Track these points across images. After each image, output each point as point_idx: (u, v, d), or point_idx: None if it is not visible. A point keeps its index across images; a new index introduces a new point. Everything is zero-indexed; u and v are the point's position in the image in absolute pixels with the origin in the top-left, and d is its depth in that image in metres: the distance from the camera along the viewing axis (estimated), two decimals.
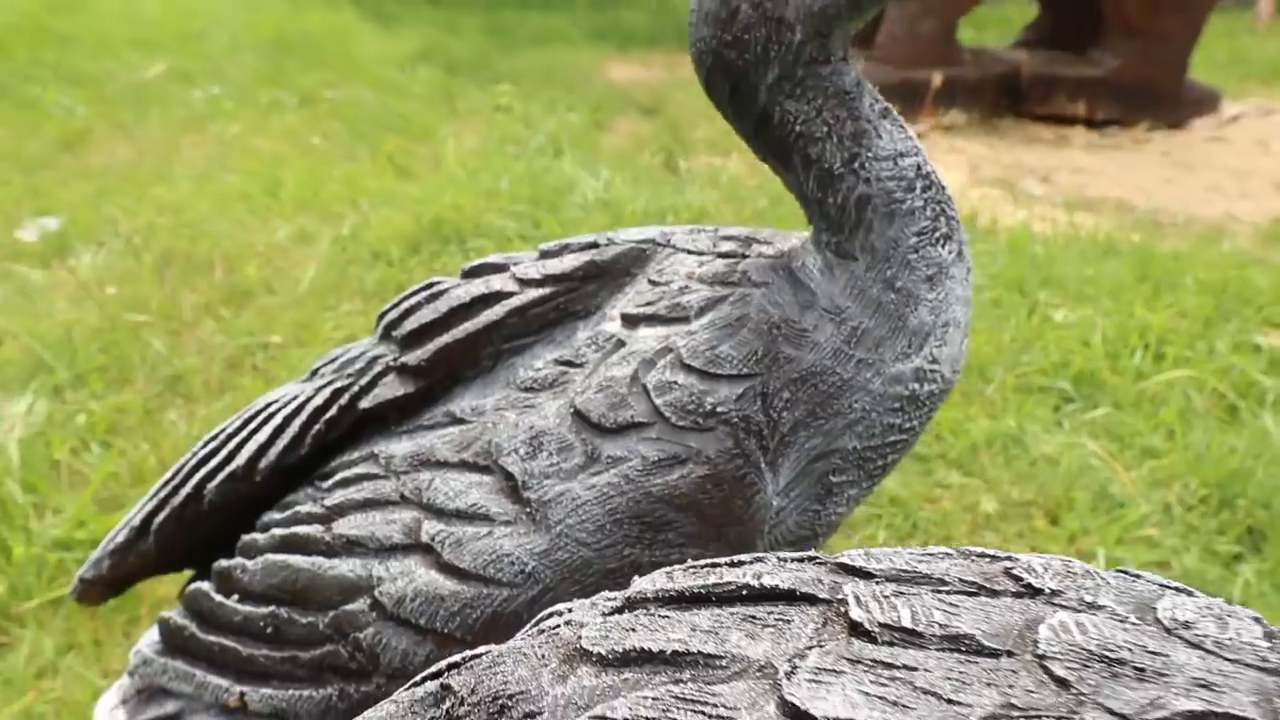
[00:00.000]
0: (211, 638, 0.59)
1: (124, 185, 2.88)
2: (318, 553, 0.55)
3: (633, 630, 0.28)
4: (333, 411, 0.61)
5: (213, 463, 0.65)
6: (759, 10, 0.49)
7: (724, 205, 2.84)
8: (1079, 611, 0.26)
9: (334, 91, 4.12)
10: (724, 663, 0.26)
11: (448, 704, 0.29)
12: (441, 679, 0.31)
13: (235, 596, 0.59)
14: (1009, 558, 0.30)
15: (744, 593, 0.29)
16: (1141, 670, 0.24)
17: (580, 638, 0.29)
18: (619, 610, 0.30)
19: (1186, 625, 0.26)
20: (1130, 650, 0.24)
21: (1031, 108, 4.89)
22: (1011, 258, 2.48)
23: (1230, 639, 0.25)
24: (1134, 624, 0.26)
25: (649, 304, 0.54)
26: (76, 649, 1.23)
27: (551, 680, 0.27)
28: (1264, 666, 0.24)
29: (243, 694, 0.57)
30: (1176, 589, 0.28)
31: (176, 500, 0.65)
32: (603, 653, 0.27)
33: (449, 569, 0.50)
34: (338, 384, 0.63)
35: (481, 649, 0.31)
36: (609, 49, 6.25)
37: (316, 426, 0.61)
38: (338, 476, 0.58)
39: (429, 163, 3.25)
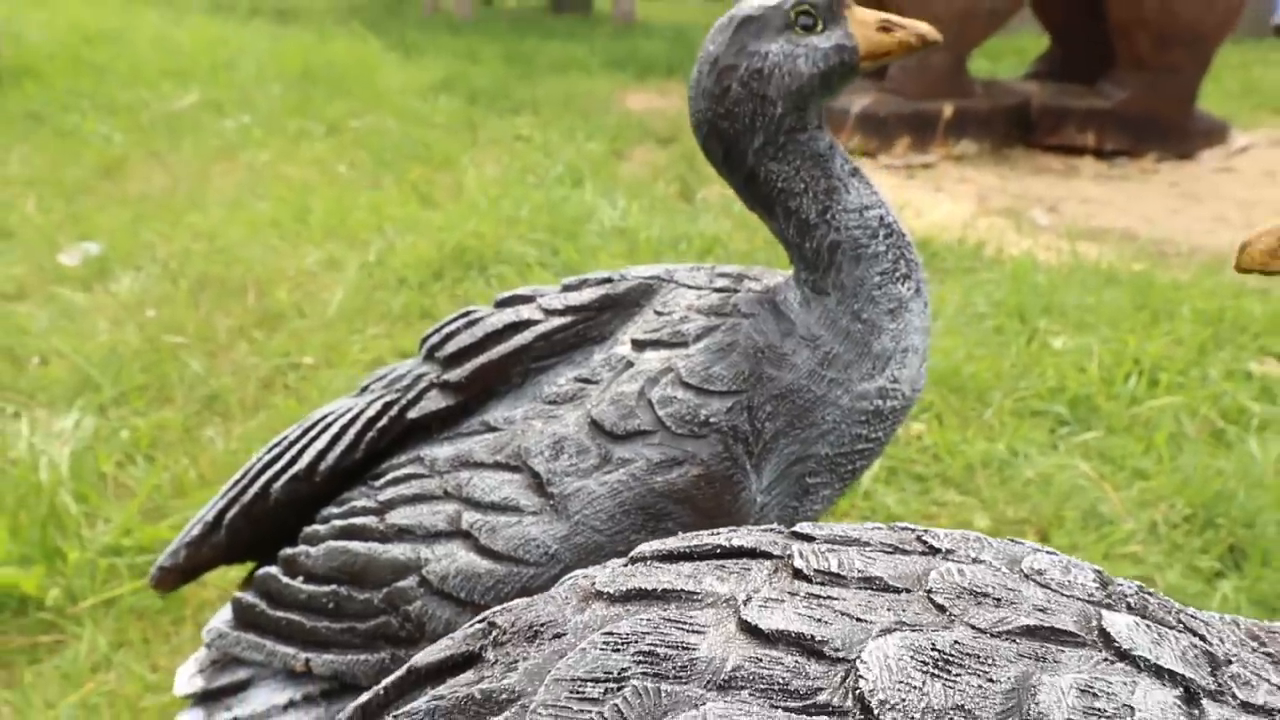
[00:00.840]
0: (279, 613, 0.69)
1: (160, 211, 3.00)
2: (373, 539, 0.65)
3: (633, 576, 0.37)
4: (384, 421, 0.71)
5: (277, 466, 0.75)
6: (747, 89, 0.60)
7: (736, 233, 2.93)
8: (963, 564, 0.35)
9: (359, 121, 4.25)
10: (699, 597, 0.35)
11: (494, 634, 0.38)
12: (487, 620, 0.40)
13: (300, 578, 0.69)
14: (923, 530, 0.39)
15: (717, 550, 0.38)
16: (999, 600, 0.33)
17: (594, 584, 0.38)
18: (624, 565, 0.39)
19: (1039, 572, 0.35)
20: (993, 587, 0.33)
21: (1041, 138, 4.99)
22: (1014, 286, 2.55)
23: (1069, 581, 0.34)
24: (1002, 572, 0.35)
25: (654, 331, 0.65)
26: (127, 646, 1.33)
27: (573, 612, 0.37)
28: (1089, 599, 0.33)
29: (308, 660, 0.67)
30: (1044, 551, 0.37)
31: (246, 498, 0.75)
32: (610, 592, 0.37)
33: (486, 551, 0.60)
34: (387, 398, 0.73)
35: (517, 600, 0.40)
36: (626, 78, 6.38)
37: (370, 434, 0.71)
38: (389, 476, 0.68)
39: (451, 191, 3.36)
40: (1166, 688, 0.30)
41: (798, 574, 0.35)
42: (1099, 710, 0.29)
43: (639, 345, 0.64)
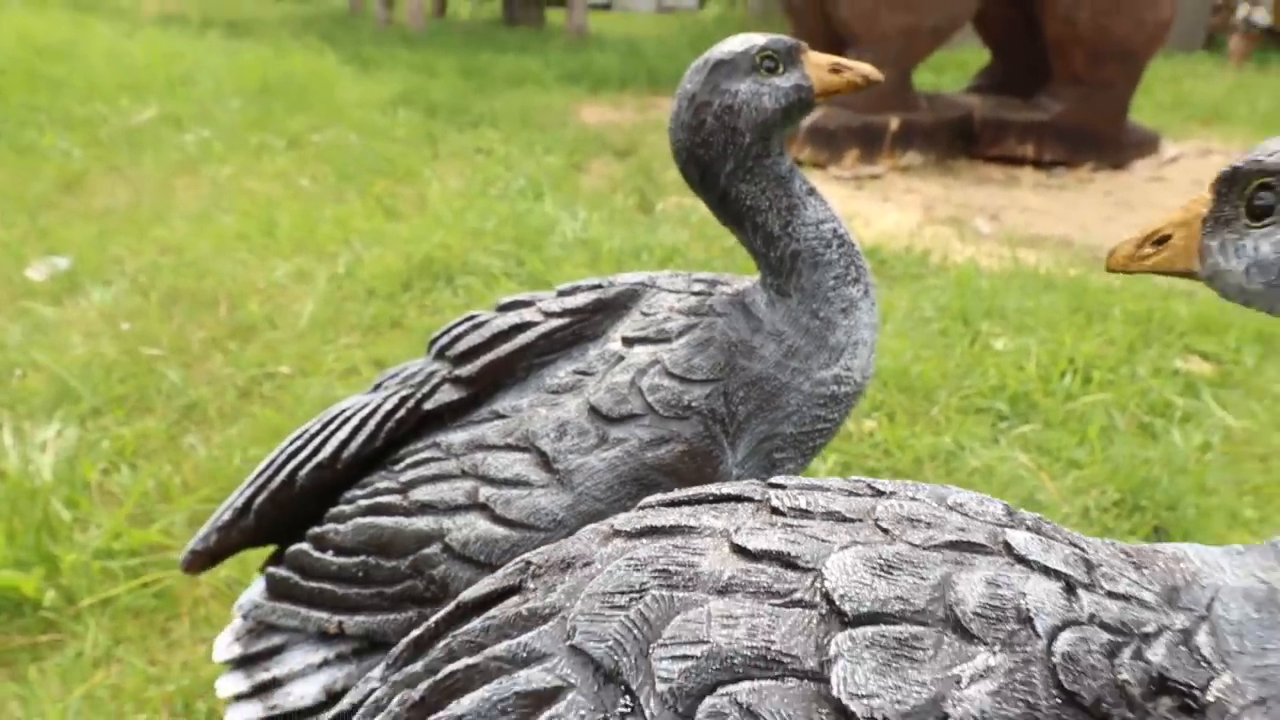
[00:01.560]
0: (312, 584, 0.77)
1: (125, 226, 3.03)
2: (398, 514, 0.74)
3: (645, 518, 0.47)
4: (401, 413, 0.80)
5: (301, 455, 0.83)
6: (720, 121, 0.70)
7: (694, 243, 3.04)
8: (902, 500, 0.45)
9: (320, 135, 4.30)
10: (699, 529, 0.45)
11: (531, 569, 0.48)
12: (523, 560, 0.49)
13: (330, 552, 0.77)
14: (872, 480, 0.49)
15: (710, 497, 0.48)
16: (929, 524, 0.43)
17: (613, 526, 0.47)
18: (636, 512, 0.49)
19: (960, 505, 0.45)
20: (925, 516, 0.43)
21: (983, 149, 5.19)
22: (958, 291, 2.69)
23: (982, 510, 0.44)
24: (931, 505, 0.45)
25: (642, 329, 0.74)
26: (126, 642, 1.39)
27: (598, 546, 0.46)
28: (997, 523, 0.43)
29: (340, 622, 0.75)
30: (964, 491, 0.47)
31: (273, 485, 0.83)
32: (628, 529, 0.46)
33: (501, 520, 0.69)
34: (403, 393, 0.81)
35: (546, 545, 0.50)
36: (581, 92, 6.48)
37: (389, 425, 0.80)
38: (408, 460, 0.77)
39: (415, 203, 3.43)
40: (1051, 581, 0.40)
41: (775, 511, 0.45)
42: (1001, 595, 0.39)
43: (629, 342, 0.74)
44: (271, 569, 0.82)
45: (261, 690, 0.77)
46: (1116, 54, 4.91)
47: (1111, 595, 0.40)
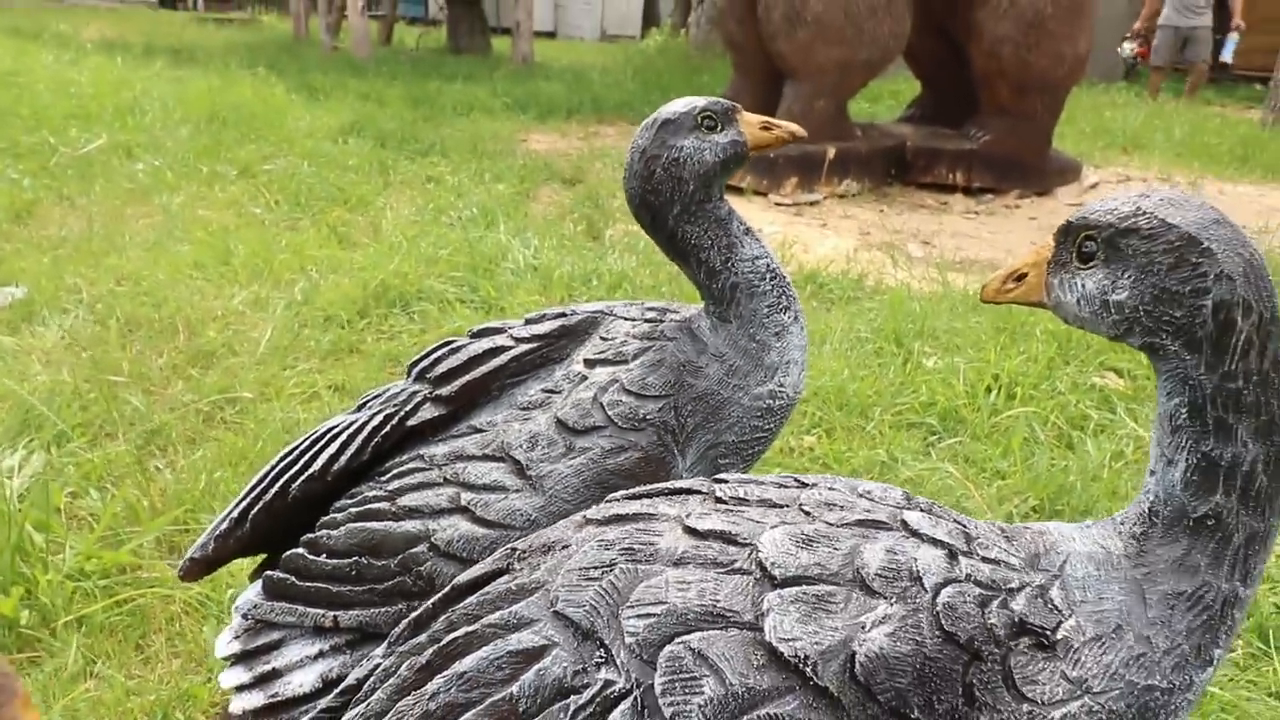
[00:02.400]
0: (307, 584, 0.86)
1: (79, 255, 3.06)
2: (387, 519, 0.82)
3: (612, 509, 0.57)
4: (386, 429, 0.89)
5: (293, 469, 0.91)
6: (667, 172, 0.81)
7: (641, 270, 3.15)
8: (822, 490, 0.56)
9: (271, 164, 4.34)
10: (656, 517, 0.55)
11: (516, 554, 0.57)
12: (509, 547, 0.59)
13: (324, 555, 0.86)
14: (799, 475, 0.60)
15: (665, 491, 0.58)
16: (842, 507, 0.54)
17: (585, 516, 0.58)
18: (604, 504, 0.59)
19: (868, 493, 0.56)
20: (839, 501, 0.54)
21: (916, 177, 5.41)
22: (892, 313, 2.84)
23: (885, 496, 0.55)
24: (845, 492, 0.56)
25: (601, 352, 0.85)
26: (104, 658, 1.44)
27: (573, 532, 0.56)
28: (897, 505, 0.54)
29: (335, 617, 0.83)
30: (873, 483, 0.58)
31: (267, 497, 0.91)
32: (598, 518, 0.56)
33: (481, 521, 0.78)
34: (387, 410, 0.90)
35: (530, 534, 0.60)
36: (528, 120, 6.58)
37: (375, 440, 0.88)
38: (394, 471, 0.86)
39: (369, 231, 3.50)
40: (937, 549, 0.51)
41: (719, 500, 0.56)
42: (897, 560, 0.50)
43: (590, 363, 0.84)
44: (269, 572, 0.90)
45: (262, 680, 0.85)
46: (1038, 86, 5.17)
47: (985, 560, 0.51)
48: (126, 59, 6.95)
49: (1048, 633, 0.49)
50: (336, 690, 0.64)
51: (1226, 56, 11.09)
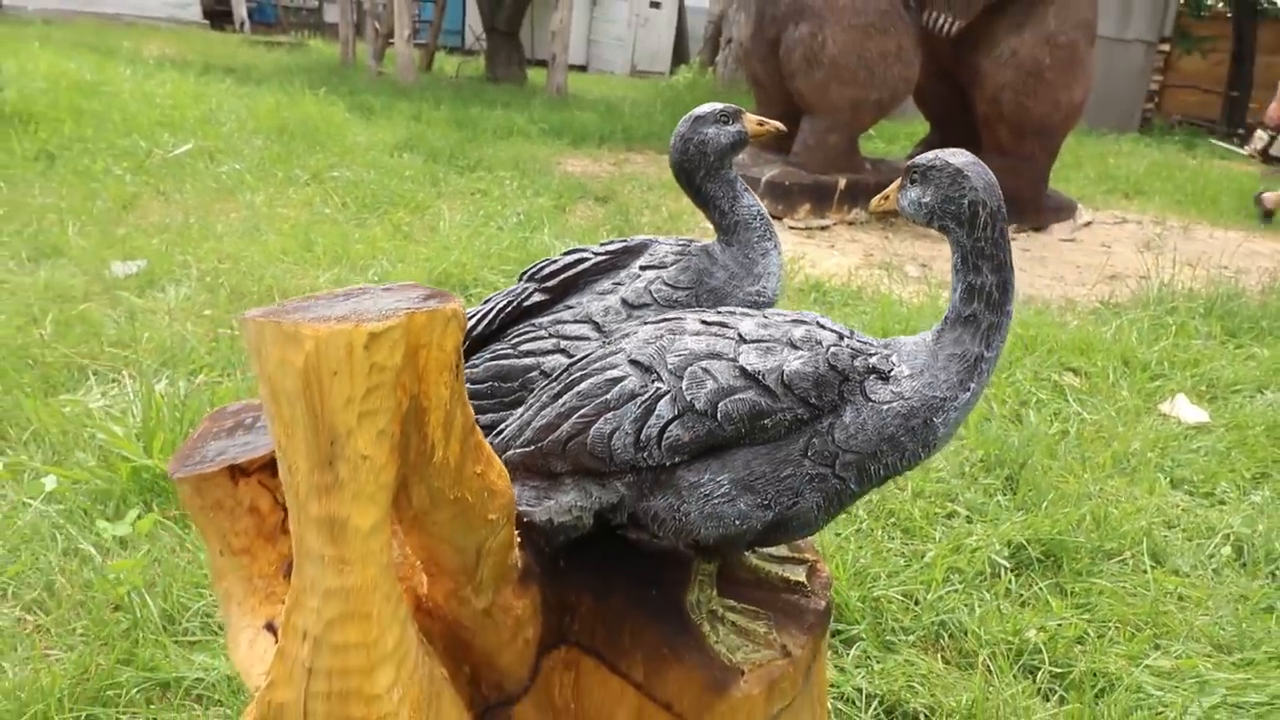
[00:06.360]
0: None
1: (183, 239, 3.54)
2: (512, 357, 1.26)
3: (659, 320, 1.02)
4: (508, 309, 1.32)
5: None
6: (697, 149, 1.26)
7: None
8: (780, 311, 1.01)
9: (337, 172, 4.84)
10: (684, 319, 1.00)
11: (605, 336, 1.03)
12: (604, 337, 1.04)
13: (467, 383, 1.30)
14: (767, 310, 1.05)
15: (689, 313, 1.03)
16: (787, 316, 0.98)
17: (643, 321, 1.03)
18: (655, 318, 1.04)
19: (803, 315, 1.00)
20: (788, 314, 0.98)
21: None
22: (880, 314, 3.28)
23: (811, 315, 1.00)
24: (790, 313, 1.00)
25: (650, 263, 1.29)
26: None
27: (636, 326, 1.01)
28: (817, 321, 0.98)
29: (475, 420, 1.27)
30: (809, 315, 1.02)
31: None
32: (651, 321, 1.02)
33: (572, 356, 1.22)
34: (508, 299, 1.35)
35: None
36: (563, 145, 7.08)
37: (500, 316, 1.32)
38: (514, 333, 1.30)
39: (427, 231, 3.98)
40: (833, 333, 0.96)
41: (719, 314, 1.00)
42: (810, 334, 0.94)
43: (643, 268, 1.28)
44: None
45: None
46: (1036, 130, 5.62)
47: (858, 341, 0.95)
48: (198, 76, 7.53)
49: (886, 372, 0.93)
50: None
51: None
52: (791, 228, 5.22)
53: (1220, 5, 17.18)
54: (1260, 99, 12.85)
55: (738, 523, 0.93)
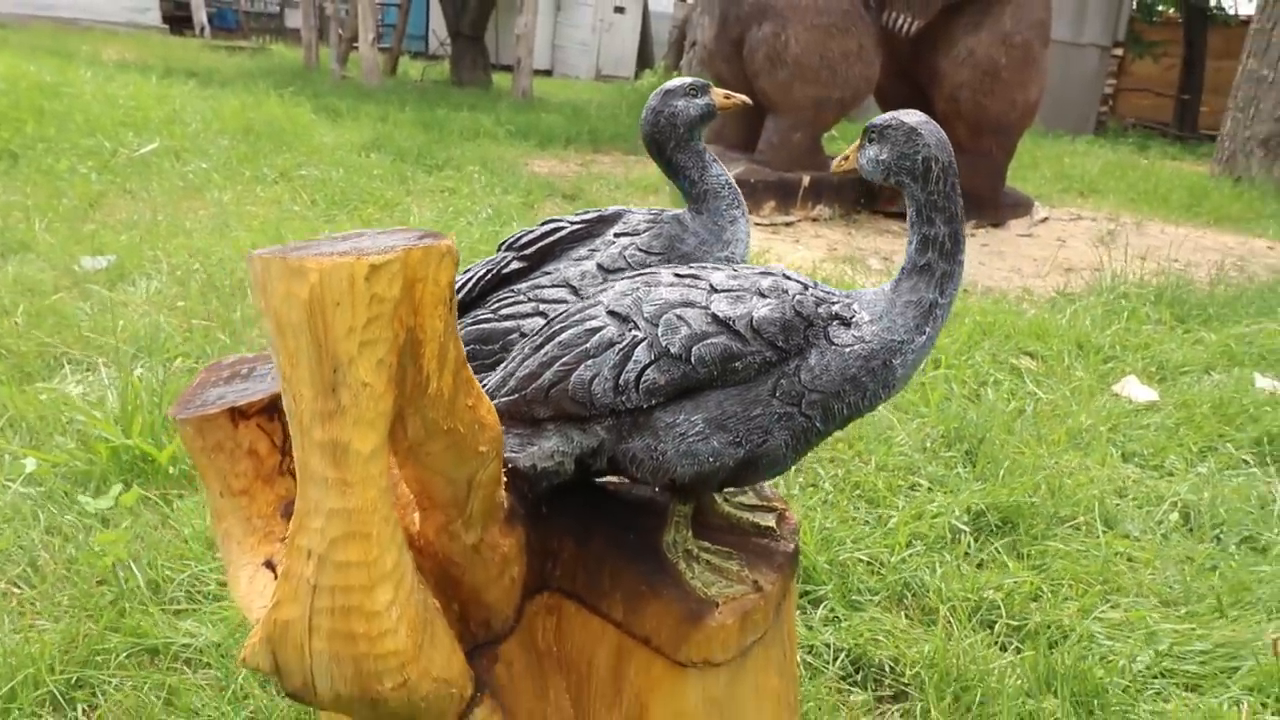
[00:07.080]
0: None
1: (151, 236, 3.55)
2: (493, 321, 1.31)
3: (637, 274, 1.08)
4: (488, 276, 1.38)
5: None
6: (668, 120, 1.32)
7: None
8: (751, 267, 1.07)
9: (304, 170, 4.85)
10: (659, 272, 1.06)
11: (584, 292, 1.08)
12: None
13: None
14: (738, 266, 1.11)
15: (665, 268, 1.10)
16: (755, 271, 1.04)
17: (621, 277, 1.09)
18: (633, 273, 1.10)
19: (771, 270, 1.06)
20: (757, 269, 1.05)
21: (883, 206, 6.00)
22: None
23: (778, 271, 1.06)
24: (760, 268, 1.06)
25: (624, 230, 1.35)
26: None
27: (614, 281, 1.07)
28: (783, 273, 1.05)
29: None
30: (777, 267, 1.09)
31: None
32: (627, 276, 1.07)
33: (548, 319, 1.28)
34: (487, 267, 1.40)
35: None
36: (530, 146, 7.13)
37: (480, 284, 1.38)
38: (495, 299, 1.35)
39: (399, 224, 4.01)
40: (798, 284, 1.02)
41: (690, 269, 1.06)
42: (778, 285, 1.01)
43: (617, 235, 1.34)
44: None
45: None
46: (993, 128, 5.76)
47: (822, 291, 1.02)
48: (157, 78, 7.48)
49: (848, 319, 1.00)
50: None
51: None
52: (757, 224, 5.30)
53: (1172, 11, 17.59)
54: (1210, 103, 13.19)
55: (711, 460, 0.99)
